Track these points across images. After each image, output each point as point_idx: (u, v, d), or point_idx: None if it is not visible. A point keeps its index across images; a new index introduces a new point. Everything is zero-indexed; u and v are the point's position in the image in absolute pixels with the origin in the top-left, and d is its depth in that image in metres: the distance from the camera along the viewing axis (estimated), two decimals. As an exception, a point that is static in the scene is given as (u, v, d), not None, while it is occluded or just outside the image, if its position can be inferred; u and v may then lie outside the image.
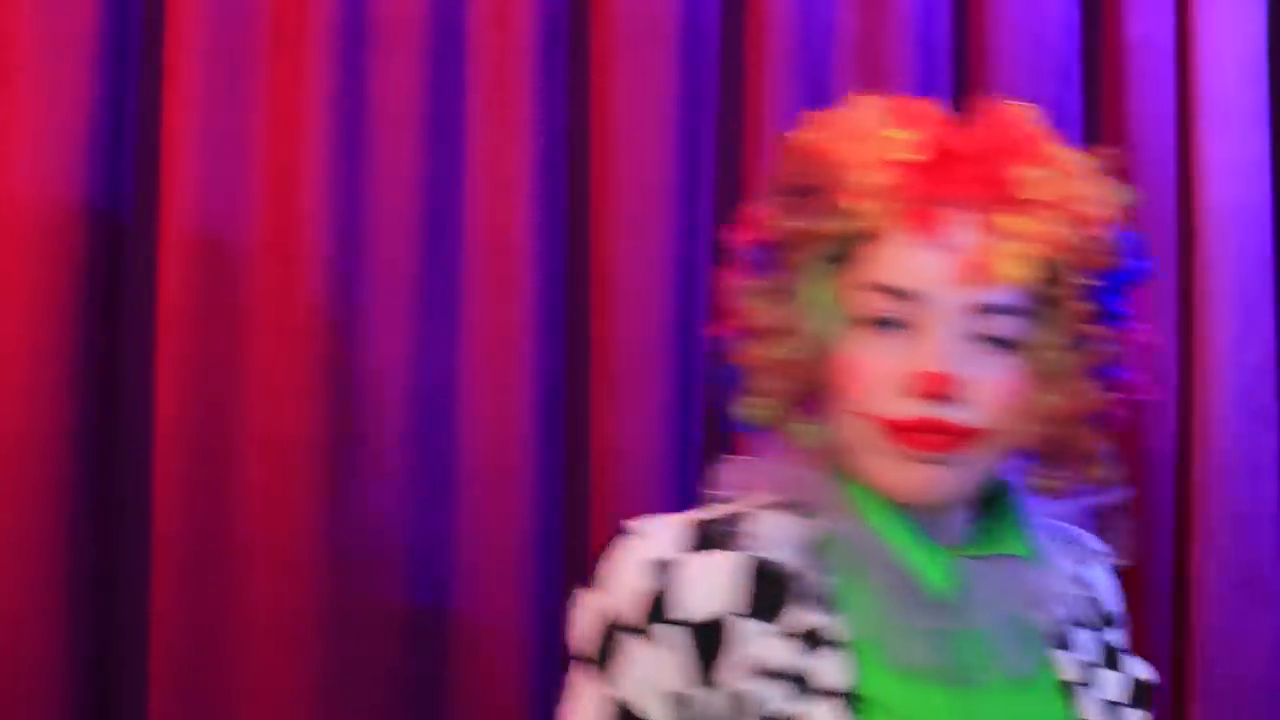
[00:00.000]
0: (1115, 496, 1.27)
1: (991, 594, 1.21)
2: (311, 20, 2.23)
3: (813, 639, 1.18)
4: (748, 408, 1.26)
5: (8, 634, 2.13)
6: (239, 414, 2.22)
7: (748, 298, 1.25)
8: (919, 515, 1.21)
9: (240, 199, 2.23)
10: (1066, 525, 1.28)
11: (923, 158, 1.19)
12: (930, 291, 1.18)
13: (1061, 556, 1.26)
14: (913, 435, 1.16)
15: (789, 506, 1.23)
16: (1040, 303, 1.20)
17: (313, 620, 2.19)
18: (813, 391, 1.23)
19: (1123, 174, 1.25)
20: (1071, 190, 1.19)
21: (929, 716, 1.18)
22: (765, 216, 1.24)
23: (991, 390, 1.18)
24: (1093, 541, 1.29)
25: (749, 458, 1.27)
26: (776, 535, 1.21)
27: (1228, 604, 2.43)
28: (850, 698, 1.16)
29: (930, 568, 1.20)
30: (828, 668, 1.17)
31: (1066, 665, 1.26)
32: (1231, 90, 2.47)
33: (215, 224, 2.22)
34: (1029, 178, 1.18)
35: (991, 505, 1.27)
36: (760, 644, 1.18)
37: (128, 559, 2.22)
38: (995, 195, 1.19)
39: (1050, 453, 1.24)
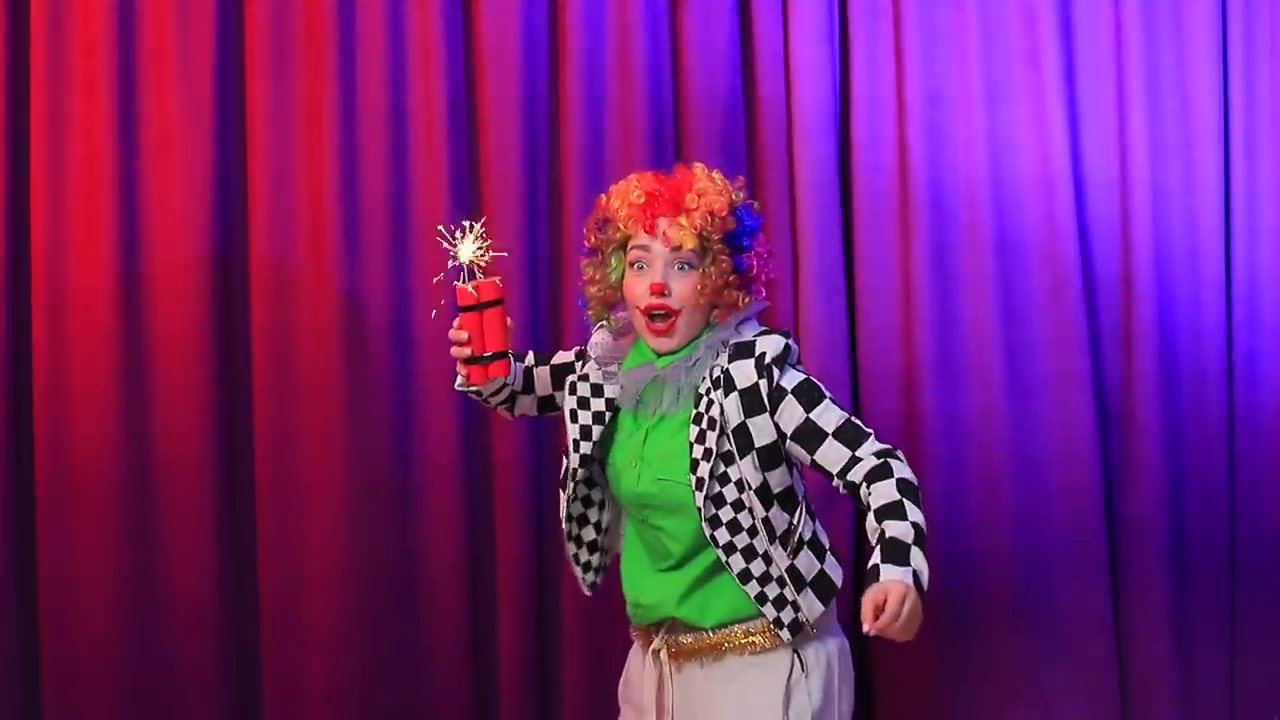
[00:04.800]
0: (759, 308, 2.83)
1: (662, 373, 2.77)
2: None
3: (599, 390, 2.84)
4: (590, 313, 2.88)
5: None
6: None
7: (585, 267, 2.84)
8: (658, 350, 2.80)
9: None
10: (742, 339, 2.73)
11: (640, 197, 2.74)
12: (652, 248, 2.73)
13: (711, 357, 2.73)
14: (653, 318, 2.73)
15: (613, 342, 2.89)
16: (701, 249, 2.72)
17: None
18: (615, 302, 2.82)
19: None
20: (706, 200, 2.70)
21: (625, 429, 2.80)
22: (588, 227, 2.82)
23: (682, 290, 2.71)
24: (755, 346, 2.70)
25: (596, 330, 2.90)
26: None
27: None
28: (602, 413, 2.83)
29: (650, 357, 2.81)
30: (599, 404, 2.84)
31: (699, 410, 2.71)
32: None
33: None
34: (688, 199, 2.71)
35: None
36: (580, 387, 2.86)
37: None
38: (675, 208, 2.72)
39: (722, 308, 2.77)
